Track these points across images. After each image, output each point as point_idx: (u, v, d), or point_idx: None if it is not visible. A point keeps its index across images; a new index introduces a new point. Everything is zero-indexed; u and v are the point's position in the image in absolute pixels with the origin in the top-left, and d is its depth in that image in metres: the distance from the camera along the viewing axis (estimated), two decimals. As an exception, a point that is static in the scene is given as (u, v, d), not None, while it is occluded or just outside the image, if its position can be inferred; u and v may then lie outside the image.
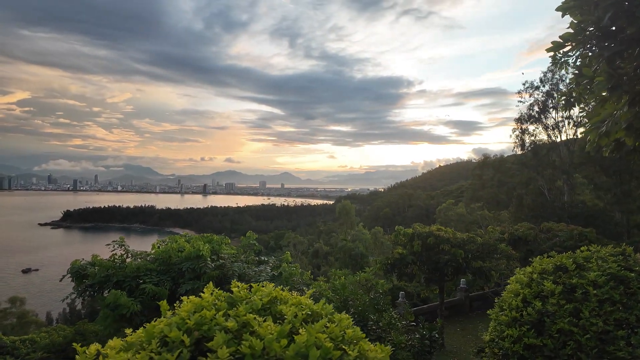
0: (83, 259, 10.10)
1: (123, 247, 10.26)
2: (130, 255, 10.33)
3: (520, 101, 41.65)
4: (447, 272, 15.89)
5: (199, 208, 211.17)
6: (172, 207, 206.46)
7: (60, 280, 9.83)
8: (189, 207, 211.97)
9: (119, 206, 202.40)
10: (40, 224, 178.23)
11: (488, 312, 5.13)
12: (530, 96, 41.07)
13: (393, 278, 20.06)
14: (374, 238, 48.01)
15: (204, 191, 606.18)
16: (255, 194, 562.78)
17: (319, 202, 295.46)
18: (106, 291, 9.47)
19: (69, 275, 9.72)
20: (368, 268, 15.57)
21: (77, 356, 1.62)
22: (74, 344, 1.74)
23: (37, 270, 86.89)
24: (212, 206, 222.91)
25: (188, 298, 1.99)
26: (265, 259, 12.10)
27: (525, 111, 41.30)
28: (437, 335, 8.42)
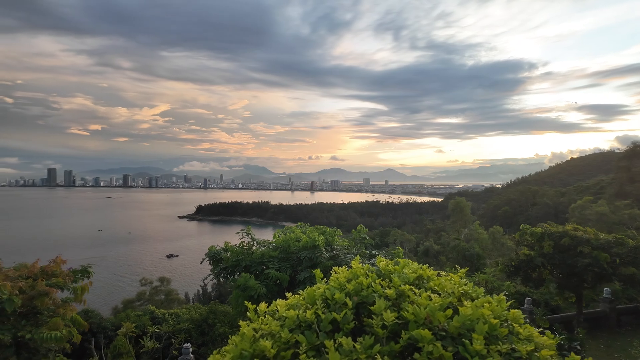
0: (217, 245, 11.57)
1: (250, 236, 11.45)
2: (255, 243, 11.48)
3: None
4: (587, 278, 13.82)
5: (307, 204, 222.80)
6: (284, 203, 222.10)
7: (201, 263, 11.43)
8: (298, 203, 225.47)
9: (240, 202, 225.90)
10: (179, 217, 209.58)
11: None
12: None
13: (516, 282, 18.13)
14: (492, 238, 43.96)
15: (312, 188, 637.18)
16: (359, 191, 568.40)
17: (426, 199, 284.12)
18: (236, 274, 10.69)
19: (207, 258, 11.25)
20: (488, 269, 14.37)
21: (247, 313, 1.85)
22: (245, 302, 1.99)
23: (177, 256, 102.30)
24: (319, 202, 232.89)
25: (339, 268, 2.11)
26: (376, 253, 12.12)
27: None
28: (579, 347, 7.31)
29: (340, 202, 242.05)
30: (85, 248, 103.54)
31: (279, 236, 11.50)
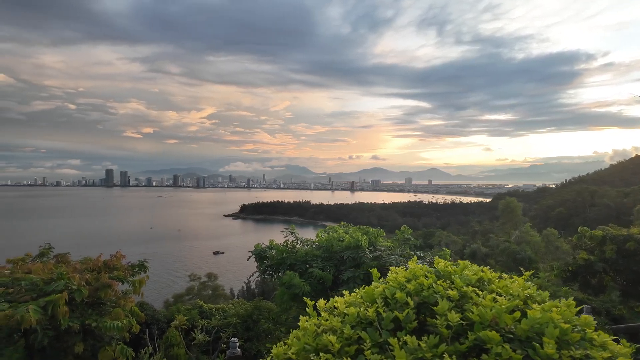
0: (262, 243, 11.86)
1: (294, 234, 11.63)
2: (299, 242, 11.64)
3: None
4: (657, 287, 12.66)
5: (348, 204, 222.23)
6: (324, 203, 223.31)
7: (247, 260, 11.75)
8: (338, 203, 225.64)
9: (282, 201, 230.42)
10: (224, 215, 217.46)
11: None
12: None
13: (573, 288, 16.95)
14: (546, 241, 41.35)
15: (352, 188, 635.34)
16: (401, 191, 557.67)
17: (473, 199, 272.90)
18: (281, 272, 10.90)
19: (253, 256, 11.56)
20: (542, 273, 13.57)
21: (306, 309, 1.90)
22: (304, 298, 2.04)
23: (223, 253, 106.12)
24: (359, 202, 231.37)
25: (397, 267, 2.10)
26: (422, 255, 11.82)
27: None
28: (648, 362, 6.69)
29: (381, 202, 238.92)
30: (139, 244, 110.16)
31: (322, 235, 11.56)
